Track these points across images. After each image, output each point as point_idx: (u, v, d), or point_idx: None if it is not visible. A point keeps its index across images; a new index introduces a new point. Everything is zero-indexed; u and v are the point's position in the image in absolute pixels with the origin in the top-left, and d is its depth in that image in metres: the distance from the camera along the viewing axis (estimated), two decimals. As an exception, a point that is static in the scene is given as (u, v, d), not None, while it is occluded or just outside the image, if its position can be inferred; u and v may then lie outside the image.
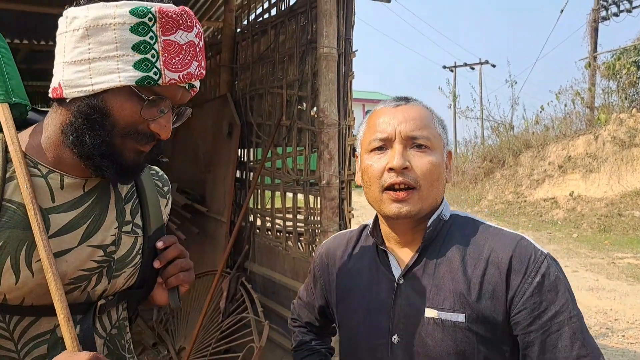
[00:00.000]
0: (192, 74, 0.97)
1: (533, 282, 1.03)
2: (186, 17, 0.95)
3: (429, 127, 1.13)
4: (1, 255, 0.92)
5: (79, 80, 0.94)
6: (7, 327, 0.96)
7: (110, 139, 0.95)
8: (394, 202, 1.09)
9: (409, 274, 1.13)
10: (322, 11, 3.27)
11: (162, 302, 1.14)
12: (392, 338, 1.11)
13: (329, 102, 3.24)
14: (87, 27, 0.93)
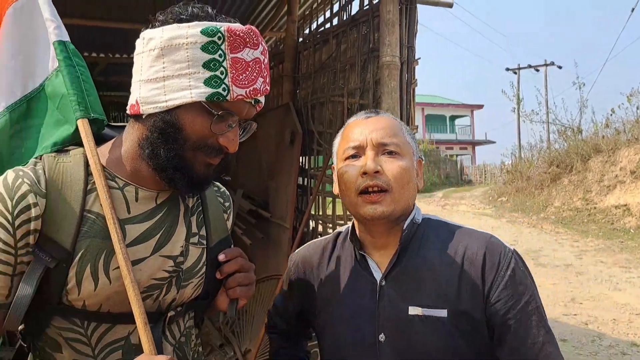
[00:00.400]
0: (258, 90, 1.02)
1: (505, 276, 1.12)
2: (252, 35, 1.01)
3: (397, 135, 1.22)
4: (82, 263, 0.98)
5: (154, 97, 1.01)
6: (86, 333, 1.02)
7: (182, 152, 1.01)
8: (368, 204, 1.16)
9: (389, 275, 1.19)
10: (384, 20, 3.30)
11: (223, 308, 1.19)
12: (379, 337, 1.16)
13: (392, 111, 3.26)
14: (162, 47, 0.99)
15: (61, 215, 0.98)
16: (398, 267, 1.19)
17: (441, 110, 42.32)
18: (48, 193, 0.98)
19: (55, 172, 1.01)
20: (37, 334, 1.03)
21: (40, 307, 1.00)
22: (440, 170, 30.23)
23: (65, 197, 0.99)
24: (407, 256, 1.20)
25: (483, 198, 20.03)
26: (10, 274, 0.97)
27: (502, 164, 25.34)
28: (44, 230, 0.97)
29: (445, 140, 40.74)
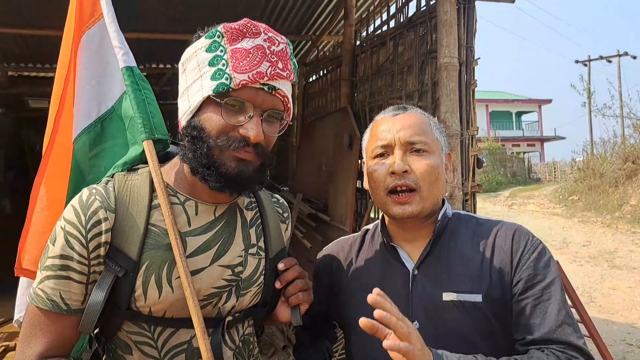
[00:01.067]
0: (263, 73, 1.02)
1: (530, 258, 1.15)
2: (250, 27, 1.05)
3: (426, 133, 1.23)
4: (147, 273, 1.05)
5: (184, 108, 1.10)
6: (152, 337, 1.08)
7: (208, 150, 1.05)
8: (397, 205, 1.19)
9: (422, 265, 1.22)
10: (441, 21, 3.25)
11: (285, 319, 1.22)
12: (412, 324, 1.14)
13: (451, 112, 3.20)
14: (183, 63, 1.11)
15: (128, 229, 1.05)
16: (430, 256, 1.22)
17: (506, 106, 40.87)
18: (117, 208, 1.06)
19: (123, 189, 1.09)
20: (110, 337, 1.11)
21: (112, 313, 1.07)
22: (506, 168, 29.20)
23: (132, 212, 1.07)
24: (439, 246, 1.23)
25: (553, 197, 19.16)
26: (85, 282, 1.05)
27: (572, 161, 24.15)
28: (114, 242, 1.04)
29: (512, 137, 39.29)
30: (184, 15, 5.72)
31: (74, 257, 1.02)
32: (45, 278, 1.03)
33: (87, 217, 1.03)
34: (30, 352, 1.02)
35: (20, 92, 7.63)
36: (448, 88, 3.20)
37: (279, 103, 1.08)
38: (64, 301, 1.03)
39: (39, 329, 1.03)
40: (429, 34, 3.74)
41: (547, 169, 31.97)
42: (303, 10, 5.89)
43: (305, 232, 5.17)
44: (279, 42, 1.07)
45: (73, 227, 1.03)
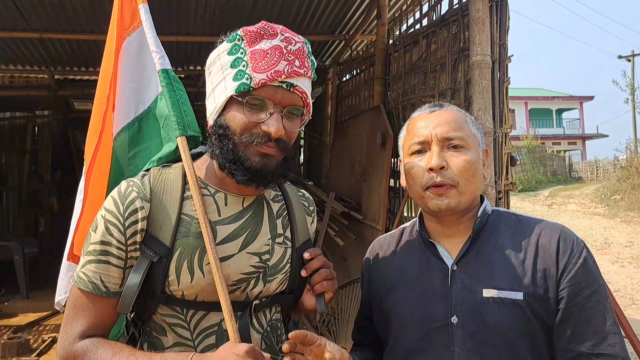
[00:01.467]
0: (281, 72, 1.09)
1: (577, 263, 1.15)
2: (267, 29, 1.12)
3: (462, 128, 1.23)
4: (180, 259, 1.13)
5: (211, 109, 1.19)
6: (185, 319, 1.16)
7: (233, 147, 1.12)
8: (435, 198, 1.20)
9: (461, 261, 1.22)
10: (474, 19, 3.25)
11: (310, 307, 1.27)
12: (451, 319, 1.18)
13: (484, 110, 3.20)
14: (208, 66, 1.21)
15: (162, 218, 1.14)
16: (470, 252, 1.22)
17: (546, 103, 39.83)
18: (152, 199, 1.15)
19: (158, 182, 1.18)
20: (145, 320, 1.19)
21: (148, 297, 1.15)
22: (546, 167, 28.48)
23: (166, 203, 1.16)
24: (478, 242, 1.23)
25: (594, 196, 18.61)
26: (122, 267, 1.14)
27: (615, 159, 23.36)
28: (149, 230, 1.14)
29: (552, 135, 38.25)
30: (221, 18, 5.86)
31: (113, 243, 1.12)
32: (87, 262, 1.13)
33: (124, 206, 1.12)
34: (73, 331, 1.12)
35: (66, 94, 7.95)
36: (481, 86, 3.20)
37: (297, 99, 1.15)
38: (104, 284, 1.13)
39: (81, 309, 1.13)
40: (462, 31, 3.74)
41: (588, 167, 31.01)
42: (336, 11, 5.94)
43: (338, 230, 5.23)
44: (295, 41, 1.14)
45: (112, 215, 1.13)
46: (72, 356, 1.10)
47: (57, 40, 6.39)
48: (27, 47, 6.64)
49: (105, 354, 1.08)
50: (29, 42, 6.41)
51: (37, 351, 4.73)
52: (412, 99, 4.67)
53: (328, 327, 4.67)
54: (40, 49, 6.72)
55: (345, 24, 6.36)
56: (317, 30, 6.49)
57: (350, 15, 6.09)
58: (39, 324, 5.78)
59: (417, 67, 4.58)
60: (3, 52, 6.73)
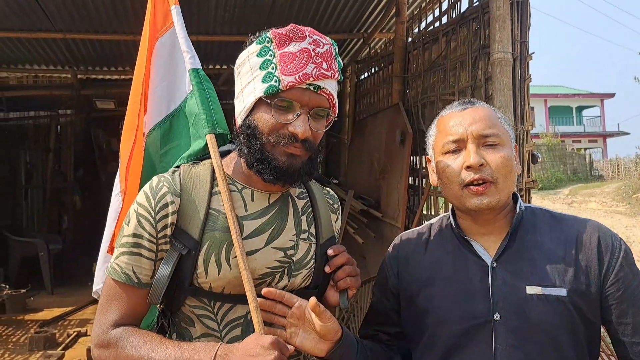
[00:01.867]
0: (309, 74, 1.12)
1: (619, 258, 1.18)
2: (296, 31, 1.14)
3: (496, 125, 1.23)
4: (208, 252, 1.17)
5: (239, 109, 1.22)
6: (213, 311, 1.20)
7: (261, 146, 1.16)
8: (474, 196, 1.20)
9: (501, 258, 1.22)
10: (494, 16, 3.25)
11: (334, 302, 1.29)
12: (493, 316, 1.18)
13: (505, 108, 3.19)
14: (237, 67, 1.23)
15: (192, 212, 1.18)
16: (509, 249, 1.22)
17: (566, 101, 39.26)
18: (182, 194, 1.19)
19: (188, 177, 1.22)
20: (174, 311, 1.24)
21: (177, 288, 1.19)
22: (566, 165, 28.10)
23: (195, 198, 1.20)
24: (517, 239, 1.23)
25: (616, 195, 18.32)
26: (153, 259, 1.18)
27: (637, 157, 22.95)
28: (179, 223, 1.18)
29: (572, 132, 37.69)
30: (240, 17, 5.91)
31: (145, 236, 1.16)
32: (120, 254, 1.18)
33: (156, 200, 1.17)
34: (106, 320, 1.17)
35: (88, 93, 8.10)
36: (502, 83, 3.19)
37: (324, 101, 1.18)
38: (136, 275, 1.17)
39: (114, 299, 1.18)
40: (482, 29, 3.73)
41: (610, 165, 30.52)
42: (355, 9, 5.96)
43: (357, 228, 5.25)
44: (323, 44, 1.17)
45: (144, 209, 1.17)
46: (106, 343, 1.15)
47: (80, 41, 6.51)
48: (50, 48, 6.78)
49: (136, 342, 1.13)
50: (52, 42, 6.54)
51: (63, 345, 4.84)
52: (432, 96, 4.66)
53: (347, 323, 4.70)
54: (64, 49, 6.86)
55: (363, 22, 6.37)
56: (336, 28, 6.52)
57: (368, 13, 6.10)
58: (64, 319, 5.91)
59: (436, 65, 4.58)
60: (28, 52, 6.88)
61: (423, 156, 4.93)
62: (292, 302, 1.17)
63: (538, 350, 1.15)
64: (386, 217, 5.04)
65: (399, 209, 4.82)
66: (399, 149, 4.94)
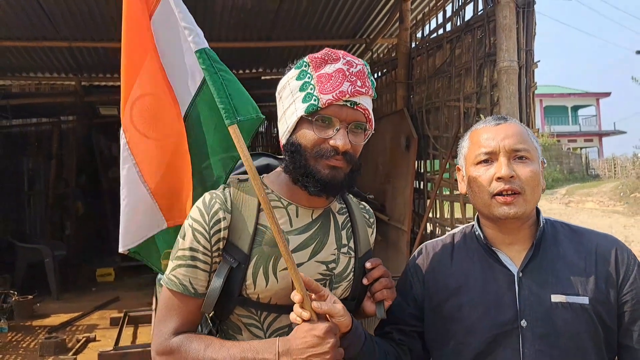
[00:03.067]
0: (345, 92, 1.20)
1: (634, 270, 1.29)
2: (331, 54, 1.24)
3: (527, 142, 1.32)
4: (256, 265, 1.24)
5: (283, 129, 1.29)
6: (259, 320, 1.27)
7: (305, 161, 1.22)
8: (503, 205, 1.27)
9: (526, 268, 1.30)
10: (501, 25, 3.32)
11: (370, 312, 1.37)
12: (520, 323, 1.25)
13: (511, 115, 3.26)
14: (279, 92, 1.31)
15: (241, 227, 1.25)
16: (534, 260, 1.30)
17: (562, 100, 39.40)
18: (233, 210, 1.26)
19: (237, 195, 1.29)
20: (223, 319, 1.31)
21: (227, 299, 1.25)
22: (562, 165, 28.26)
23: (244, 214, 1.26)
24: (541, 251, 1.31)
25: (613, 194, 18.44)
26: (208, 270, 1.24)
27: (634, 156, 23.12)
28: (230, 238, 1.24)
29: (568, 132, 37.83)
30: (245, 22, 5.98)
31: (200, 249, 1.23)
32: (177, 266, 1.25)
33: (209, 216, 1.24)
34: (166, 329, 1.23)
35: (92, 100, 8.15)
36: (508, 91, 3.27)
37: (360, 116, 1.25)
38: (192, 285, 1.24)
39: (172, 309, 1.25)
40: (487, 37, 3.80)
41: (606, 164, 30.68)
42: (358, 15, 6.03)
43: (364, 231, 5.31)
44: (356, 64, 1.25)
45: (199, 224, 1.24)
46: (169, 350, 1.22)
47: (85, 48, 6.57)
48: (55, 55, 6.83)
49: (199, 346, 1.20)
50: (57, 50, 6.60)
51: (73, 350, 4.89)
52: (436, 102, 4.74)
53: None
54: (68, 57, 6.91)
55: (366, 27, 6.45)
56: (339, 34, 6.60)
57: (371, 19, 6.18)
58: (72, 324, 5.95)
59: (441, 72, 4.65)
60: (33, 60, 6.93)
61: (427, 160, 5.00)
62: (317, 290, 1.19)
63: (563, 355, 1.23)
64: (392, 221, 5.11)
65: (405, 212, 4.89)
66: (404, 153, 5.02)
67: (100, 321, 6.06)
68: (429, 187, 4.99)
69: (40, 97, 8.05)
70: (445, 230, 4.66)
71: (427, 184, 5.04)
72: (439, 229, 4.79)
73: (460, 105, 4.26)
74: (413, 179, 4.94)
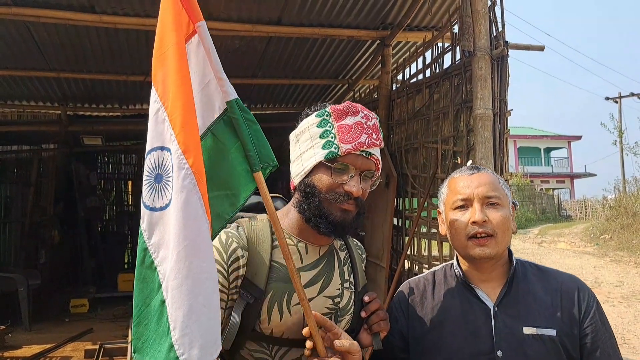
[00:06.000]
0: (363, 143, 1.31)
1: (593, 307, 1.44)
2: (351, 107, 1.35)
3: (498, 189, 1.46)
4: (271, 300, 1.29)
5: (297, 171, 1.39)
6: (270, 354, 1.32)
7: (319, 203, 1.31)
8: (477, 247, 1.42)
9: (501, 302, 1.44)
10: (476, 76, 3.55)
11: (367, 343, 1.44)
12: (497, 353, 1.38)
13: (485, 159, 3.47)
14: (296, 135, 1.41)
15: (257, 264, 1.32)
16: (508, 296, 1.44)
17: (535, 142, 40.64)
18: (249, 248, 1.33)
19: (251, 233, 1.36)
20: (233, 353, 1.34)
21: (239, 333, 1.29)
22: (535, 205, 28.91)
23: (260, 251, 1.33)
24: (513, 287, 1.45)
25: (584, 235, 18.92)
26: (224, 307, 1.29)
27: (604, 199, 23.83)
28: (247, 274, 1.31)
29: (540, 173, 38.87)
30: (232, 61, 6.17)
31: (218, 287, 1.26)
32: None
33: (227, 255, 1.31)
34: None
35: (75, 129, 8.18)
36: (483, 137, 3.47)
37: (372, 165, 1.37)
38: None
39: None
40: (464, 84, 4.04)
41: (577, 206, 31.50)
42: (342, 58, 6.29)
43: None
44: (372, 117, 1.38)
45: (217, 263, 1.28)
46: None
47: (72, 79, 6.66)
48: (42, 85, 6.91)
49: None
50: (45, 80, 6.68)
51: (46, 383, 4.80)
52: (415, 143, 4.94)
53: None
54: (55, 87, 6.99)
55: (349, 69, 6.71)
56: (322, 74, 6.84)
57: (354, 62, 6.44)
58: (45, 356, 5.83)
59: (420, 114, 4.87)
60: (19, 89, 6.98)
61: (406, 198, 5.17)
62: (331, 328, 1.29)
63: None
64: (371, 257, 5.22)
65: (383, 249, 5.02)
66: (384, 191, 5.18)
67: (74, 353, 5.95)
68: (407, 225, 5.14)
69: (23, 125, 8.06)
70: (422, 267, 4.80)
71: (405, 222, 5.19)
72: (417, 265, 4.91)
73: (438, 147, 4.46)
74: (392, 216, 5.08)
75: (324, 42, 5.78)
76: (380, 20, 5.24)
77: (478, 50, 3.51)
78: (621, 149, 24.86)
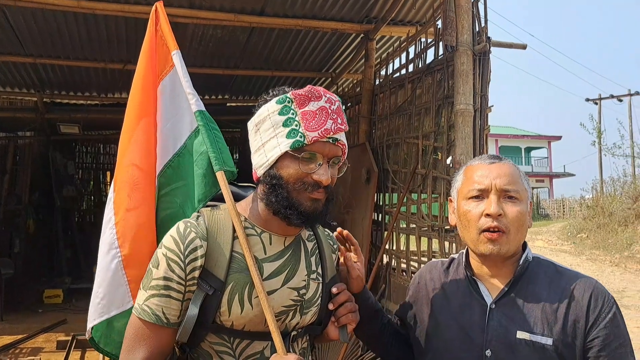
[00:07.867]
0: (329, 130, 1.25)
1: (606, 318, 1.29)
2: (314, 92, 1.28)
3: (518, 182, 1.37)
4: (232, 292, 1.26)
5: (260, 161, 1.33)
6: (231, 347, 1.27)
7: (287, 194, 1.27)
8: (488, 242, 1.33)
9: (499, 301, 1.36)
10: (458, 71, 3.55)
11: (334, 337, 1.42)
12: (485, 352, 1.32)
13: (465, 155, 3.46)
14: (256, 124, 1.33)
15: (217, 255, 1.27)
16: (508, 295, 1.35)
17: (516, 141, 41.09)
18: (209, 238, 1.28)
19: (212, 222, 1.31)
20: (194, 346, 1.30)
21: (199, 326, 1.26)
22: (514, 203, 29.19)
23: (220, 241, 1.29)
24: (517, 287, 1.36)
25: (561, 234, 19.23)
26: (181, 300, 1.25)
27: (582, 199, 24.22)
28: (206, 265, 1.26)
29: (521, 172, 39.38)
30: (214, 51, 6.09)
31: (174, 279, 1.25)
32: (150, 296, 1.26)
33: (185, 244, 1.27)
34: (134, 358, 1.25)
35: (52, 117, 8.01)
36: (464, 132, 3.47)
37: (339, 150, 1.32)
38: (165, 315, 1.26)
39: (142, 339, 1.26)
40: (446, 80, 4.03)
41: (556, 205, 31.98)
42: (325, 51, 6.25)
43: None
44: (334, 100, 1.32)
45: (174, 253, 1.26)
46: None
47: (49, 65, 6.51)
48: (18, 71, 6.73)
49: None
50: (21, 66, 6.51)
51: (16, 375, 4.71)
52: (397, 138, 4.93)
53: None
54: (32, 73, 6.82)
55: (332, 63, 6.67)
56: (306, 67, 6.79)
57: (337, 55, 6.41)
58: (16, 347, 5.72)
59: (402, 109, 4.86)
60: (-6, 74, 6.81)
61: (387, 194, 5.16)
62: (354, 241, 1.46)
63: None
64: (350, 252, 5.20)
65: (362, 243, 5.00)
66: (365, 186, 5.17)
67: (46, 344, 5.84)
68: (387, 220, 5.14)
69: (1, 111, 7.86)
70: (400, 262, 4.80)
71: (385, 217, 5.18)
72: (395, 260, 4.92)
73: (419, 142, 4.46)
74: (372, 211, 5.07)
75: (307, 34, 5.73)
76: (364, 13, 5.21)
77: (460, 45, 3.50)
78: (600, 149, 25.25)
